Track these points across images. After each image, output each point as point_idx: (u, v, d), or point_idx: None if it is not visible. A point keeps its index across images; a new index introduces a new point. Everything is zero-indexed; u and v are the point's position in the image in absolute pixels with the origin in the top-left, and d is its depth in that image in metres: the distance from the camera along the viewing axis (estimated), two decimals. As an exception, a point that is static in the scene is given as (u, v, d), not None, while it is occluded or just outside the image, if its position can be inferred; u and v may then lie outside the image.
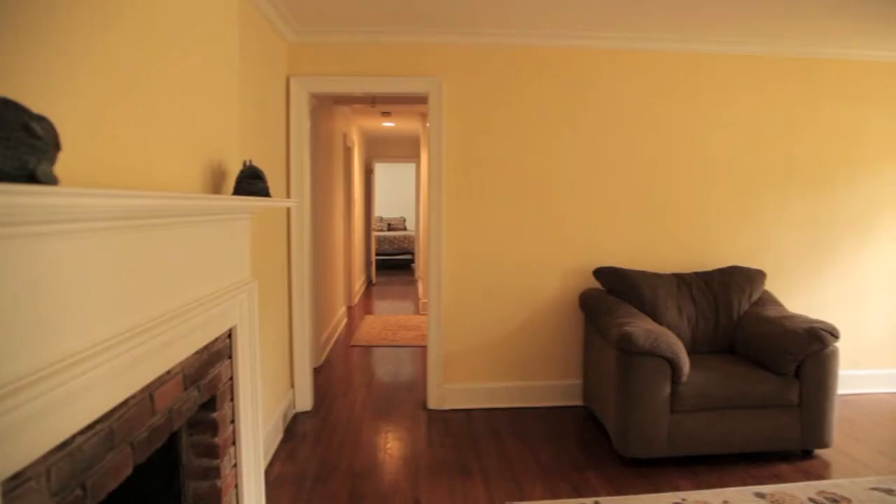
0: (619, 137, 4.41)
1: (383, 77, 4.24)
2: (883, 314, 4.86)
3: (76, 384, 1.20)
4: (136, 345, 1.44)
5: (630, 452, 3.42)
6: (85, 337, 1.27)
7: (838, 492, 3.20)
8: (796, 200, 4.65)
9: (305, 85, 4.19)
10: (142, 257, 1.54)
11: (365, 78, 4.23)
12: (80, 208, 1.13)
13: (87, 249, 1.28)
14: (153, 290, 1.60)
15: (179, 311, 1.74)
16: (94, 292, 1.31)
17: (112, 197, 1.21)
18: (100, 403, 1.33)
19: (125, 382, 1.43)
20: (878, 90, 4.67)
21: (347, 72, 4.21)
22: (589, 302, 4.04)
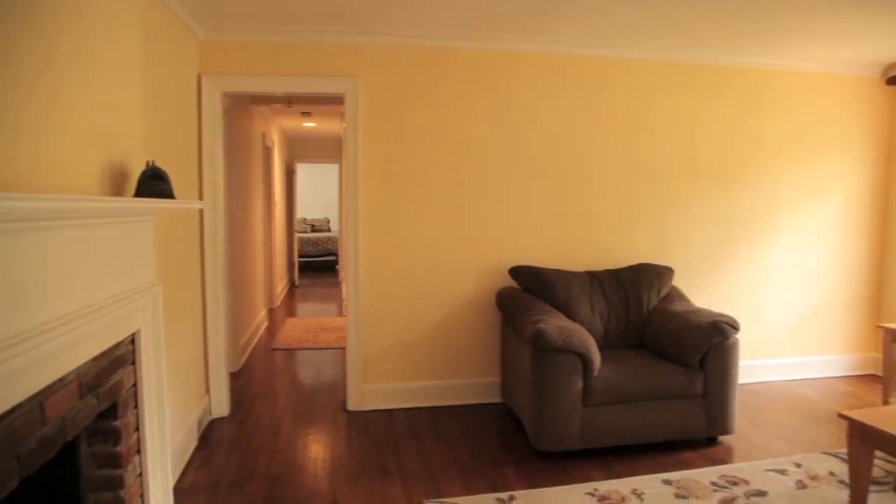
0: (534, 138, 4.51)
1: (299, 77, 4.19)
2: (782, 306, 5.15)
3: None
4: (20, 352, 1.38)
5: (545, 446, 3.51)
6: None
7: (738, 475, 3.38)
8: (701, 200, 4.87)
9: (218, 84, 4.10)
10: (23, 261, 1.47)
11: (280, 78, 4.18)
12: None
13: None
14: (39, 295, 1.54)
15: (72, 317, 1.68)
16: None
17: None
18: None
19: (8, 392, 1.37)
20: (774, 97, 4.95)
21: (262, 71, 4.14)
22: (505, 300, 4.11)
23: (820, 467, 3.47)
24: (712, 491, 3.19)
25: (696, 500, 3.09)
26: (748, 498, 3.12)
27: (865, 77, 5.17)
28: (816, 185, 5.13)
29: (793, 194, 5.08)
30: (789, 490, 3.20)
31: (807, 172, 5.10)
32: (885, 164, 5.30)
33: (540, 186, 4.54)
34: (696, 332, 3.65)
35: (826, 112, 5.10)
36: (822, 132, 5.10)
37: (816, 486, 3.24)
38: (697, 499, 3.11)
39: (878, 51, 4.68)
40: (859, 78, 5.16)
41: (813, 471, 3.42)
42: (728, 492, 3.18)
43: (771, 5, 3.59)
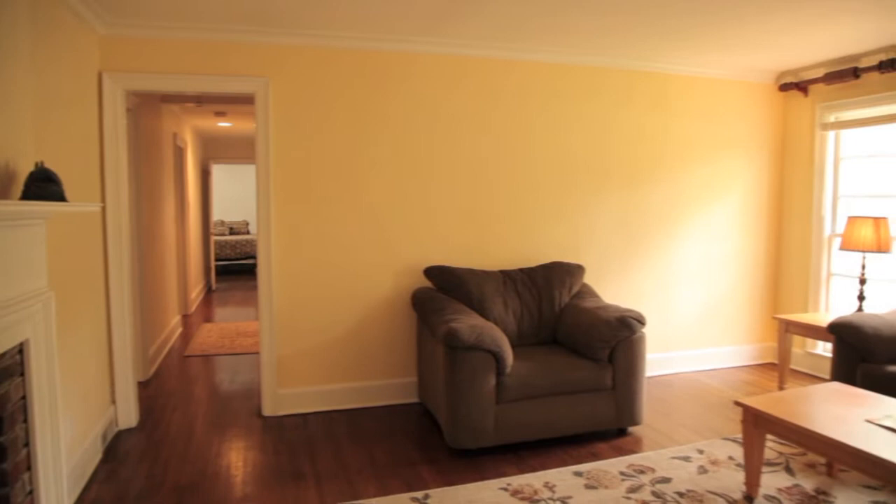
0: (448, 140, 4.55)
1: (207, 76, 4.08)
2: (688, 300, 5.39)
3: None
4: None
5: (460, 444, 3.54)
6: None
7: (645, 463, 3.51)
8: (611, 199, 5.03)
9: (121, 81, 3.94)
10: None
11: (188, 76, 4.05)
12: None
13: None
14: None
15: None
16: None
17: None
18: None
19: None
20: (678, 100, 5.17)
21: (169, 69, 4.01)
22: (420, 301, 4.13)
23: (720, 452, 3.64)
24: (621, 480, 3.30)
25: (605, 490, 3.19)
26: (654, 485, 3.24)
27: (762, 83, 5.48)
28: (718, 184, 5.39)
29: (697, 193, 5.32)
30: (691, 475, 3.35)
31: (709, 172, 5.35)
32: (779, 164, 5.62)
33: (455, 187, 4.59)
34: (604, 328, 3.77)
35: (726, 115, 5.36)
36: (722, 134, 5.37)
37: (716, 471, 3.41)
38: (606, 489, 3.21)
39: (771, 60, 4.96)
40: (756, 84, 5.46)
41: (714, 456, 3.60)
42: (635, 480, 3.30)
43: (673, 17, 3.75)
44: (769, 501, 3.07)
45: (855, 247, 4.47)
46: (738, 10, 3.70)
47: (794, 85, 5.36)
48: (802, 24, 3.98)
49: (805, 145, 5.41)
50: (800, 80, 5.32)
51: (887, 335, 3.79)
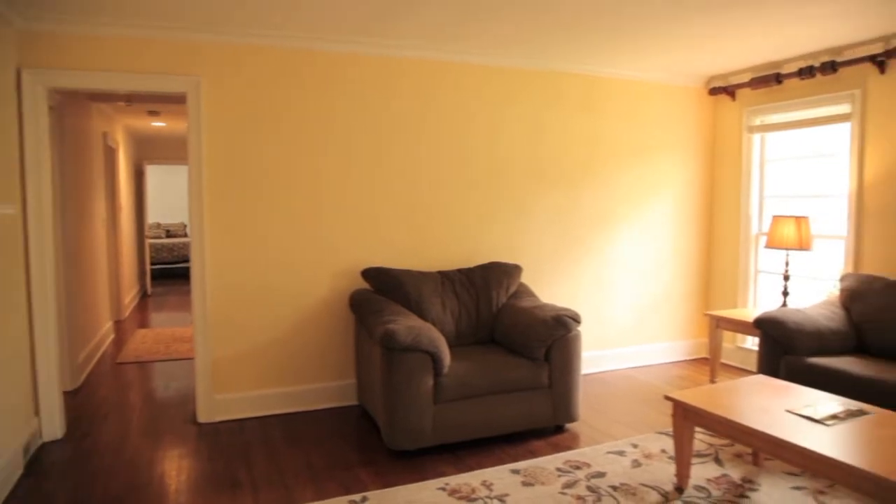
0: (387, 141, 4.53)
1: (136, 74, 3.96)
2: (624, 298, 5.51)
3: None
4: None
5: (398, 445, 3.54)
6: None
7: (581, 459, 3.57)
8: (547, 199, 5.11)
9: (42, 78, 3.79)
10: None
11: (115, 74, 3.92)
12: None
13: None
14: None
15: None
16: None
17: None
18: None
19: None
20: (612, 102, 5.29)
21: (95, 66, 3.87)
22: (358, 302, 4.10)
23: (653, 446, 3.74)
24: (557, 476, 3.35)
25: (541, 487, 3.23)
26: (589, 480, 3.30)
27: (693, 87, 5.65)
28: (652, 184, 5.54)
29: (631, 193, 5.45)
30: (625, 469, 3.42)
31: (643, 173, 5.49)
32: (710, 165, 5.81)
33: (393, 188, 4.58)
34: (540, 327, 3.83)
35: (659, 117, 5.51)
36: (656, 136, 5.51)
37: (650, 464, 3.49)
38: (543, 485, 3.25)
39: (701, 64, 5.13)
40: (687, 88, 5.63)
41: (647, 450, 3.69)
42: (571, 476, 3.35)
43: (607, 23, 3.83)
44: (698, 492, 3.17)
45: (779, 245, 4.65)
46: (666, 17, 3.81)
47: (722, 89, 5.55)
48: (729, 30, 4.12)
49: (733, 147, 5.60)
50: (728, 85, 5.51)
51: (808, 329, 3.95)
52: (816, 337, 3.95)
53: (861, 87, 4.56)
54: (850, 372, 3.61)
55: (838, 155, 4.83)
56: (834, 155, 4.89)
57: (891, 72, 4.38)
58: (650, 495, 3.13)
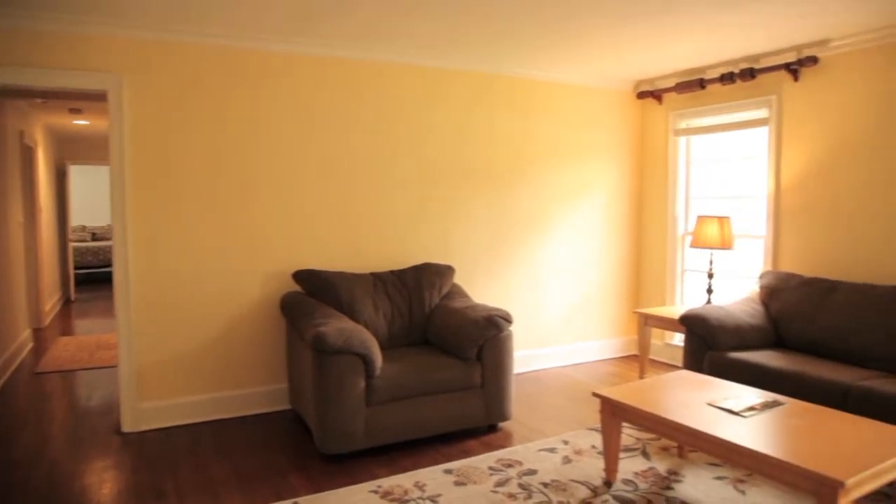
0: (317, 142, 4.48)
1: (51, 69, 3.79)
2: (557, 298, 5.60)
3: None
4: None
5: (330, 449, 3.50)
6: None
7: (513, 457, 3.61)
8: (480, 200, 5.14)
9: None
10: None
11: (27, 69, 3.74)
12: None
13: None
14: None
15: None
16: None
17: None
18: None
19: None
20: (541, 104, 5.37)
21: (5, 61, 3.69)
22: (289, 305, 4.04)
23: (584, 442, 3.81)
24: (489, 475, 3.37)
25: (473, 486, 3.24)
26: (520, 477, 3.34)
27: (621, 91, 5.80)
28: (584, 185, 5.65)
29: (563, 194, 5.54)
30: (556, 466, 3.48)
31: (575, 174, 5.59)
32: (639, 167, 5.97)
33: (325, 190, 4.52)
34: (472, 327, 3.85)
35: (590, 120, 5.63)
36: (586, 138, 5.63)
37: (580, 460, 3.56)
38: (475, 484, 3.27)
39: (629, 69, 5.26)
40: (616, 91, 5.77)
41: (578, 446, 3.75)
42: (503, 474, 3.38)
43: (535, 31, 3.88)
44: (626, 485, 3.24)
45: (703, 244, 4.82)
46: (594, 23, 3.89)
47: (649, 93, 5.71)
48: (654, 37, 4.24)
49: (661, 150, 5.77)
50: (655, 89, 5.67)
51: (730, 325, 4.11)
52: (737, 333, 4.11)
53: (777, 94, 4.77)
54: (767, 365, 3.77)
55: (758, 158, 5.04)
56: (754, 158, 5.09)
57: (804, 80, 4.60)
58: (580, 490, 3.19)
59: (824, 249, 4.51)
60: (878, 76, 4.18)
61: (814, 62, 4.47)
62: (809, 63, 4.49)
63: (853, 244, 4.34)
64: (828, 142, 4.48)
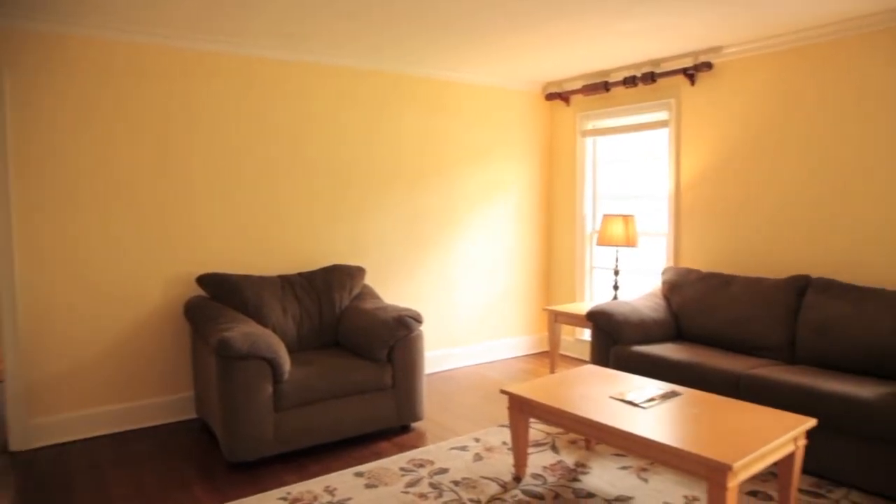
0: (223, 141, 4.35)
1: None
2: (470, 297, 5.65)
3: None
4: None
5: (238, 457, 3.40)
6: None
7: (425, 457, 3.61)
8: (392, 200, 5.13)
9: None
10: None
11: None
12: None
13: None
14: None
15: None
16: None
17: None
18: None
19: None
20: (452, 104, 5.41)
21: None
22: (193, 310, 3.90)
23: (494, 439, 3.86)
24: (401, 476, 3.36)
25: (384, 488, 3.23)
26: (432, 477, 3.35)
27: (531, 92, 5.91)
28: (494, 185, 5.72)
29: (474, 194, 5.60)
30: (467, 464, 3.50)
31: (487, 175, 5.66)
32: (548, 167, 6.10)
33: (232, 190, 4.40)
34: (382, 328, 3.83)
35: (501, 121, 5.71)
36: (498, 139, 5.71)
37: (490, 457, 3.60)
38: (386, 486, 3.25)
39: (537, 71, 5.37)
40: (526, 93, 5.88)
41: (489, 443, 3.80)
42: (415, 474, 3.38)
43: (441, 27, 3.90)
44: (535, 479, 3.31)
45: (609, 242, 4.97)
46: (502, 26, 3.95)
47: (557, 95, 5.85)
48: (560, 41, 4.34)
49: (569, 150, 5.92)
50: (562, 91, 5.81)
51: (634, 320, 4.25)
52: (641, 327, 4.26)
53: (676, 97, 4.98)
54: (668, 357, 3.93)
55: (661, 158, 5.24)
56: (657, 158, 5.30)
57: (699, 84, 4.82)
58: (490, 487, 3.23)
59: (720, 245, 4.75)
60: (764, 83, 4.42)
61: (709, 68, 4.69)
62: (705, 68, 4.71)
63: (744, 240, 4.58)
64: (720, 144, 4.71)
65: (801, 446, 2.79)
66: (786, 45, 4.26)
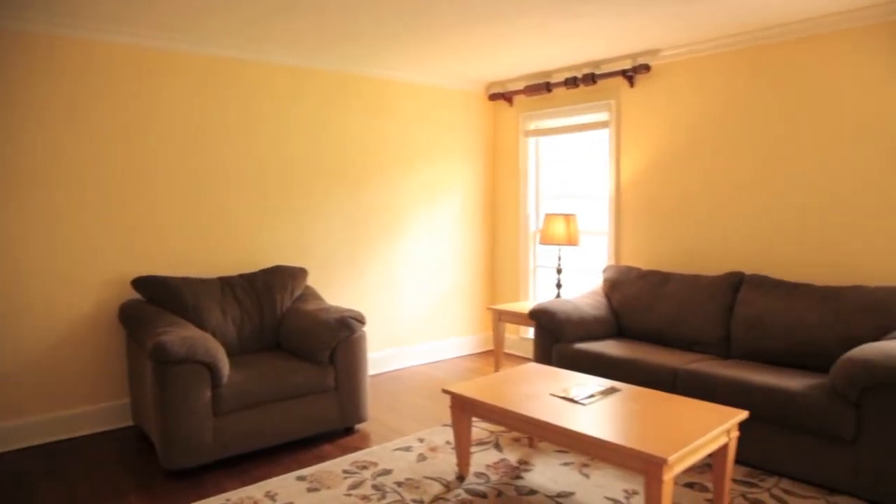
0: (162, 139, 4.23)
1: None
2: (416, 297, 5.64)
3: None
4: None
5: (176, 464, 3.31)
6: None
7: (369, 458, 3.59)
8: (336, 200, 5.08)
9: None
10: None
11: None
12: None
13: None
14: None
15: None
16: None
17: None
18: None
19: None
20: (397, 104, 5.40)
21: None
22: (128, 314, 3.79)
23: (439, 439, 3.86)
24: (343, 479, 3.33)
25: (326, 491, 3.19)
26: (375, 479, 3.33)
27: (475, 92, 5.94)
28: (439, 185, 5.73)
29: (419, 194, 5.60)
30: (411, 464, 3.50)
31: (430, 174, 5.66)
32: (492, 167, 6.14)
33: (171, 189, 4.28)
34: (324, 329, 3.80)
35: (445, 121, 5.72)
36: (442, 139, 5.72)
37: (434, 456, 3.60)
38: (328, 489, 3.22)
39: (481, 71, 5.39)
40: (470, 93, 5.91)
41: (433, 443, 3.80)
42: (358, 476, 3.36)
43: (382, 25, 3.88)
44: (478, 478, 3.32)
45: (551, 241, 5.03)
46: (442, 25, 3.95)
47: (501, 95, 5.89)
48: (502, 42, 4.37)
49: (512, 150, 5.97)
50: (505, 91, 5.86)
51: (575, 318, 4.32)
52: (582, 324, 4.33)
53: (616, 98, 5.07)
54: (608, 354, 4.00)
55: (602, 158, 5.34)
56: (599, 158, 5.39)
57: (638, 86, 4.92)
58: (433, 487, 3.23)
59: (659, 244, 4.86)
60: (700, 85, 4.55)
61: (647, 70, 4.80)
62: (643, 70, 4.81)
63: (682, 238, 4.71)
64: (658, 144, 4.82)
65: (733, 438, 2.87)
66: (721, 48, 4.38)
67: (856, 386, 2.97)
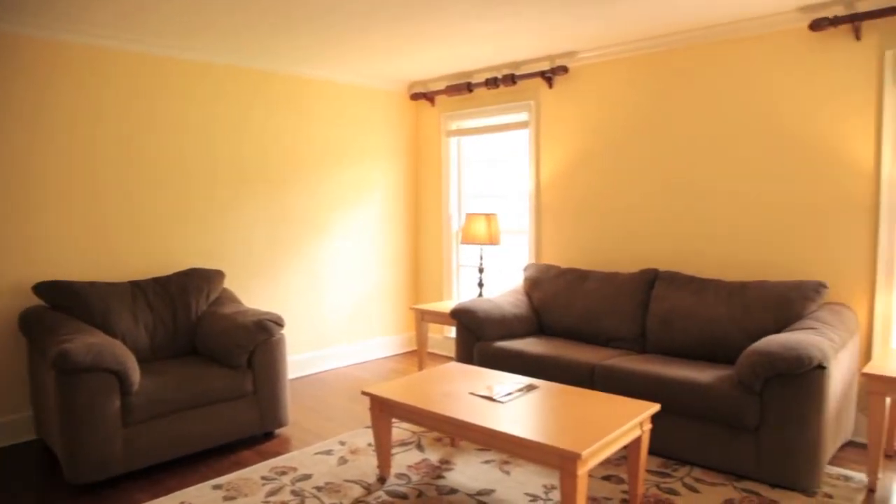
0: (76, 140, 4.01)
1: None
2: (339, 298, 5.58)
3: None
4: None
5: (83, 479, 3.16)
6: None
7: (289, 464, 3.53)
8: (254, 202, 4.97)
9: None
10: None
11: None
12: None
13: None
14: None
15: None
16: None
17: None
18: None
19: None
20: (318, 104, 5.32)
21: None
22: (29, 322, 3.58)
23: (360, 441, 3.83)
24: (262, 485, 3.26)
25: (244, 499, 3.11)
26: (294, 484, 3.27)
27: (396, 92, 5.92)
28: (363, 185, 5.69)
29: (343, 194, 5.54)
30: (331, 468, 3.46)
31: (352, 174, 5.61)
32: (415, 167, 6.14)
33: (72, 190, 4.07)
34: (241, 333, 3.70)
35: (366, 121, 5.68)
36: (364, 138, 5.67)
37: (356, 459, 3.57)
38: (246, 497, 3.14)
39: (402, 71, 5.38)
40: (391, 92, 5.88)
41: (355, 445, 3.77)
42: (276, 483, 3.29)
43: (302, 25, 3.82)
44: (399, 479, 3.31)
45: (472, 240, 5.07)
46: (361, 24, 3.92)
47: (423, 95, 5.89)
48: (422, 41, 4.37)
49: (434, 150, 5.99)
50: (427, 91, 5.86)
51: (496, 317, 4.37)
52: (503, 323, 4.38)
53: (535, 99, 5.16)
54: (528, 351, 4.07)
55: (522, 158, 5.41)
56: (519, 158, 5.46)
57: (556, 86, 5.02)
58: (354, 490, 3.20)
59: (578, 242, 4.98)
60: (616, 87, 4.68)
61: (565, 71, 4.90)
62: (561, 72, 4.91)
63: (600, 237, 4.83)
64: (576, 145, 4.93)
65: (646, 430, 2.96)
66: (635, 51, 4.52)
67: (759, 377, 3.12)
